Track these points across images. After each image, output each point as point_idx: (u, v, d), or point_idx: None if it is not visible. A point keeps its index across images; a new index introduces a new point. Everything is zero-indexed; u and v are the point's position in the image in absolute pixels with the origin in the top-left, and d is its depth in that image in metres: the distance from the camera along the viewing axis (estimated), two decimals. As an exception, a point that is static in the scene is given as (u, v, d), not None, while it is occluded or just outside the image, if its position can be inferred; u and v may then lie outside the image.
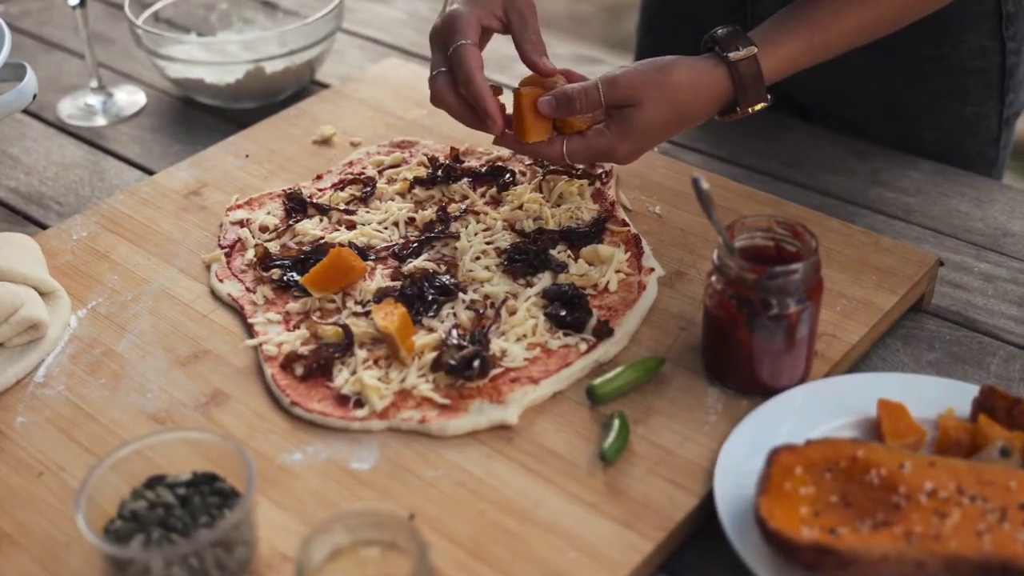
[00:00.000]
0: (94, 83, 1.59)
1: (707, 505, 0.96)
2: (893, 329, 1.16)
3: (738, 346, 1.02)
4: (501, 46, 1.72)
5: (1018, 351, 1.13)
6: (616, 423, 1.00)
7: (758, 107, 1.17)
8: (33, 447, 1.03)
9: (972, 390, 1.02)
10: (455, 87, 1.18)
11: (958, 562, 0.82)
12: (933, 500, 0.87)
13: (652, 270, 1.17)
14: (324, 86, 1.62)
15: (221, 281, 1.19)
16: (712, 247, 1.21)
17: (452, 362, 1.05)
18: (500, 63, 1.68)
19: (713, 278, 1.02)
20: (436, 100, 1.21)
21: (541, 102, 1.15)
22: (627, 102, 1.14)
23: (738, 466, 0.96)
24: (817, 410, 1.01)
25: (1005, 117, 1.43)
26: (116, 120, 1.56)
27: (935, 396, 1.02)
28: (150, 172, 1.45)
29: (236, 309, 1.16)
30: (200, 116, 1.57)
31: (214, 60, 1.52)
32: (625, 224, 1.23)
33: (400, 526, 0.83)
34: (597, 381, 1.04)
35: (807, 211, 1.26)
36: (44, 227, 1.35)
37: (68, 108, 1.59)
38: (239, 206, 1.30)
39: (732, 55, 1.14)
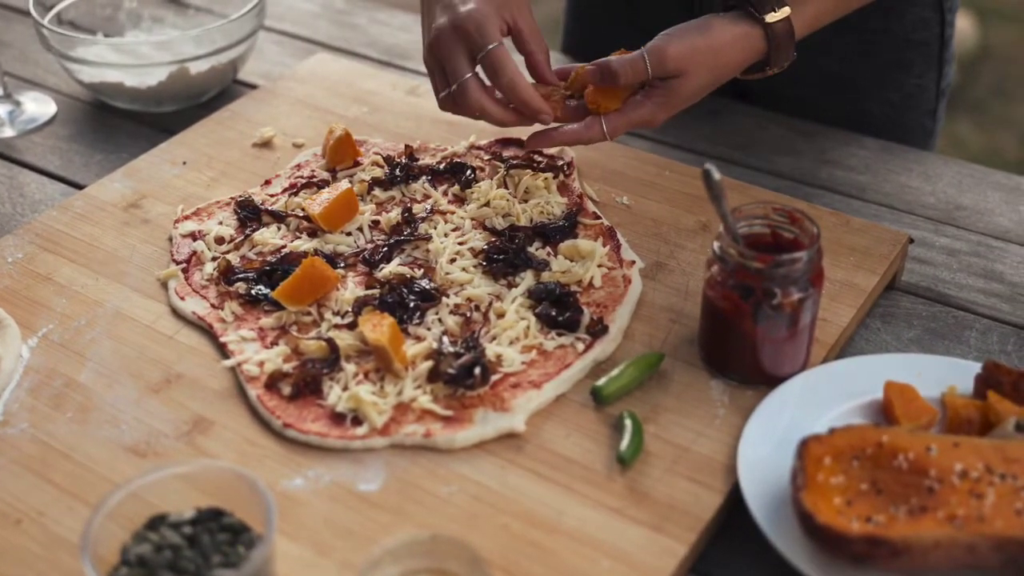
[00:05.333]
0: (-1, 91, 1.48)
1: (729, 501, 0.94)
2: (871, 309, 1.16)
3: (741, 336, 1.00)
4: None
5: (993, 323, 1.15)
6: (629, 424, 0.98)
7: (785, 65, 1.17)
8: (6, 492, 0.95)
9: (968, 366, 1.03)
10: (490, 92, 1.14)
11: (1007, 543, 0.82)
12: (966, 481, 0.87)
13: (633, 263, 1.15)
14: (246, 85, 1.55)
15: (182, 299, 1.12)
16: (685, 236, 1.20)
17: (451, 371, 1.00)
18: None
19: (714, 268, 1.00)
20: (470, 108, 1.14)
21: (585, 72, 1.15)
22: (675, 74, 1.13)
23: (760, 459, 0.94)
24: (824, 397, 1.00)
25: (941, 88, 1.46)
26: (26, 130, 1.46)
27: (934, 375, 1.02)
28: (75, 185, 1.35)
29: (204, 328, 1.10)
30: (118, 122, 1.48)
31: (132, 62, 1.43)
32: (597, 217, 1.21)
33: (451, 550, 0.79)
34: (601, 381, 1.01)
35: (772, 195, 1.26)
36: (-33, 250, 1.25)
37: (-29, 119, 1.48)
38: (187, 217, 1.23)
39: (769, 17, 1.12)
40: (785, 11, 1.13)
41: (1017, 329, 1.14)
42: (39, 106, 1.50)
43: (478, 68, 1.15)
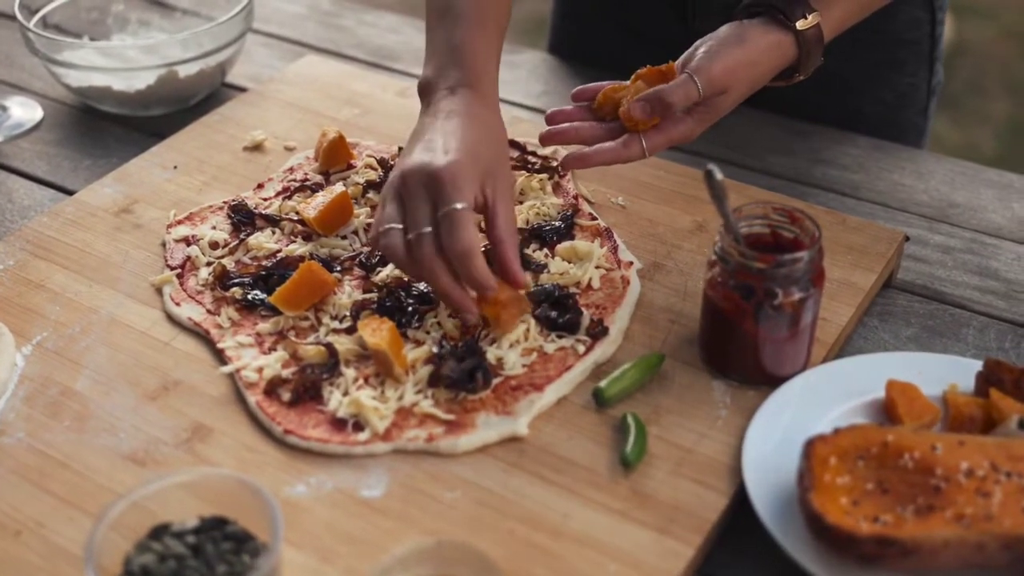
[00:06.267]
0: (-16, 96, 1.47)
1: (734, 502, 0.94)
2: (869, 308, 1.16)
3: (743, 337, 1.00)
4: (413, 39, 1.66)
5: (990, 320, 1.15)
6: (632, 425, 0.97)
7: (811, 71, 1.16)
8: (4, 503, 0.93)
9: (968, 364, 1.03)
10: (444, 255, 0.99)
11: (1016, 541, 0.82)
12: (972, 480, 0.87)
13: (631, 263, 1.14)
14: (235, 88, 1.54)
15: (178, 305, 1.11)
16: (682, 236, 1.20)
17: (451, 375, 1.00)
18: (417, 56, 1.63)
19: (716, 269, 1.00)
20: (420, 264, 0.99)
21: (634, 108, 1.09)
22: (721, 92, 1.12)
23: (765, 460, 0.94)
24: (827, 396, 1.00)
25: (932, 87, 1.46)
26: (13, 135, 1.44)
27: (935, 373, 1.02)
28: (65, 190, 1.34)
29: (200, 334, 1.09)
30: (106, 126, 1.46)
31: (119, 66, 1.42)
32: (593, 218, 1.20)
33: (461, 556, 0.78)
34: (603, 383, 1.01)
35: (768, 194, 1.26)
36: (-44, 257, 1.23)
37: (-44, 125, 1.46)
38: (180, 222, 1.22)
39: (800, 24, 1.11)
40: (815, 17, 1.12)
41: (1014, 326, 1.14)
42: (25, 111, 1.49)
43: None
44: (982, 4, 3.86)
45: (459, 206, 0.98)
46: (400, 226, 1.01)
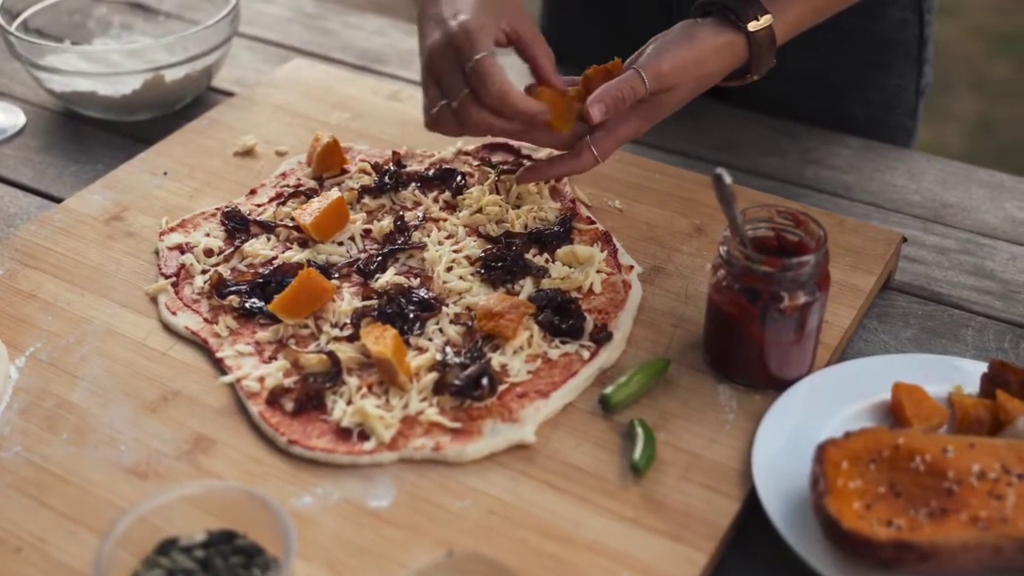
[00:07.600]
0: (-35, 102, 1.44)
1: (745, 507, 0.94)
2: (868, 309, 1.16)
3: (749, 341, 1.00)
4: (400, 41, 1.64)
5: (988, 321, 1.15)
6: (640, 431, 0.97)
7: (764, 72, 1.16)
8: (3, 519, 0.91)
9: (972, 365, 1.03)
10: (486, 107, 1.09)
11: (1033, 543, 0.82)
12: (984, 482, 0.87)
13: (632, 267, 1.14)
14: (221, 92, 1.52)
15: (174, 314, 1.09)
16: (680, 239, 1.20)
17: (457, 382, 0.99)
18: (404, 59, 1.61)
19: (721, 273, 1.00)
20: (474, 126, 1.10)
21: (593, 112, 1.10)
22: (667, 89, 1.12)
23: (774, 464, 0.94)
24: (834, 399, 1.00)
25: (921, 88, 1.47)
26: (-5, 141, 1.42)
27: (940, 375, 1.02)
28: (51, 197, 1.32)
29: (198, 343, 1.07)
30: (91, 132, 1.44)
31: (103, 70, 1.39)
32: (592, 222, 1.20)
33: (478, 568, 0.77)
34: (609, 389, 1.00)
35: (762, 196, 1.26)
36: (-58, 267, 1.21)
37: (-63, 131, 1.44)
38: (172, 229, 1.20)
39: (751, 25, 1.11)
40: (767, 19, 1.12)
41: (1012, 326, 1.15)
42: (8, 116, 1.46)
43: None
44: (948, 2, 3.88)
45: (479, 56, 1.06)
46: (445, 102, 1.10)
